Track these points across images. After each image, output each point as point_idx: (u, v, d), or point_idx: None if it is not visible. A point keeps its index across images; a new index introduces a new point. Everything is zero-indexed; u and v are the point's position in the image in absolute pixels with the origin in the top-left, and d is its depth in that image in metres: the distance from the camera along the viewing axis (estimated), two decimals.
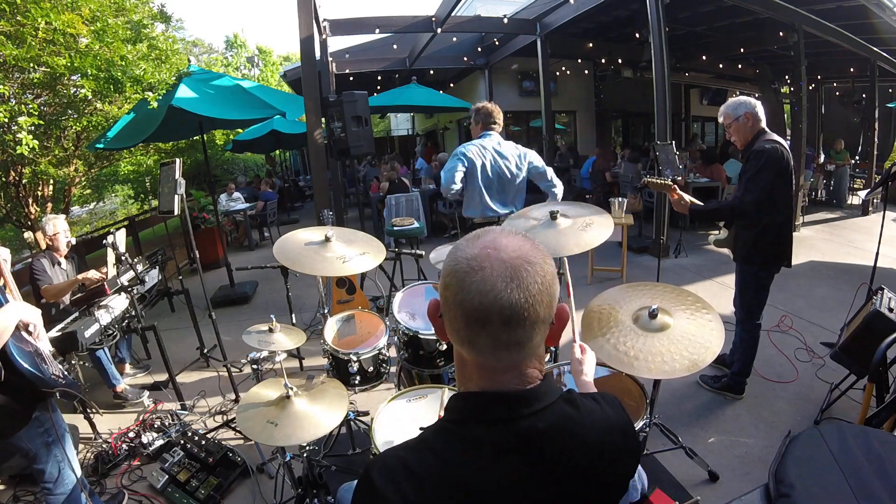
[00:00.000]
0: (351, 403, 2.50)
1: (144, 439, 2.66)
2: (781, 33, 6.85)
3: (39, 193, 6.85)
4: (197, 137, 5.90)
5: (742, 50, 8.62)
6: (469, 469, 0.65)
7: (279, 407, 1.69)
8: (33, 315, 1.69)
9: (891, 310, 2.35)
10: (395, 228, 4.30)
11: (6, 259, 1.92)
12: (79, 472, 1.90)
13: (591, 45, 8.91)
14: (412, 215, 6.65)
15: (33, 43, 3.86)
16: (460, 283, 0.65)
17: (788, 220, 2.61)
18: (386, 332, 2.28)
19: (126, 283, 2.95)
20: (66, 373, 1.79)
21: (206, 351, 3.66)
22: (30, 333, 1.68)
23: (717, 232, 2.82)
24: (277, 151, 14.89)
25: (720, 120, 2.68)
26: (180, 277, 4.55)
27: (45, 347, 1.75)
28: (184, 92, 4.48)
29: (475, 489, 0.64)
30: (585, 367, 1.26)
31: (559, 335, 0.73)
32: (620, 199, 4.80)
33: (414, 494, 0.64)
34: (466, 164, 2.94)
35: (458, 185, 2.94)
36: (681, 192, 2.56)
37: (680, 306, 1.69)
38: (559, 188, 3.06)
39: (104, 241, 2.99)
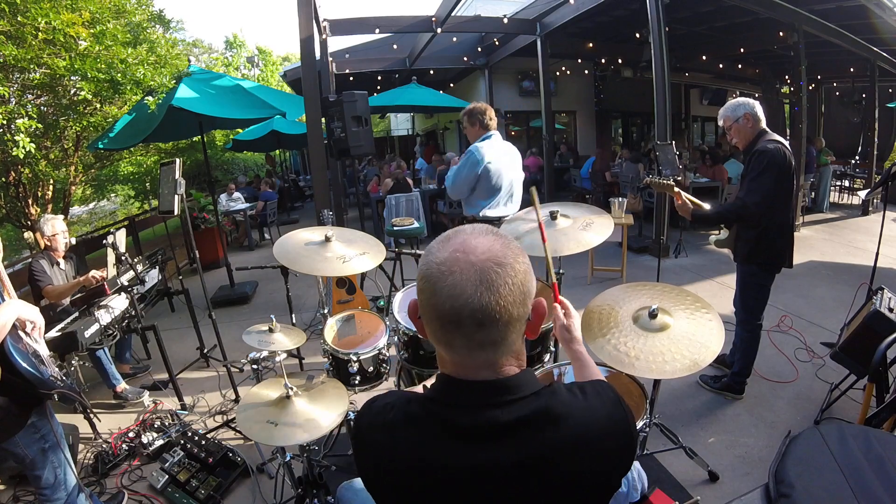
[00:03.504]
0: (351, 403, 2.50)
1: (144, 439, 2.65)
2: (781, 33, 6.85)
3: (39, 193, 6.85)
4: (197, 137, 5.91)
5: (742, 50, 8.62)
6: (440, 451, 0.68)
7: (279, 407, 1.69)
8: (32, 313, 1.67)
9: (891, 310, 2.35)
10: (395, 228, 4.30)
11: None
12: (75, 477, 1.88)
13: (591, 45, 8.92)
14: (412, 215, 6.66)
15: (33, 43, 3.86)
16: (432, 288, 0.66)
17: (789, 221, 2.61)
18: (386, 332, 2.28)
19: (126, 283, 2.95)
20: (63, 376, 1.77)
21: (206, 351, 3.66)
22: (27, 334, 1.67)
23: (717, 232, 2.82)
24: (277, 151, 14.90)
25: (720, 123, 2.67)
26: (180, 277, 4.54)
27: (44, 350, 1.74)
28: (184, 92, 4.48)
29: (443, 473, 0.68)
30: (575, 333, 1.11)
31: (538, 327, 0.74)
32: (620, 199, 4.80)
33: (387, 461, 0.71)
34: (482, 169, 2.84)
35: (468, 193, 2.92)
36: (685, 196, 2.56)
37: (680, 306, 1.69)
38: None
39: (104, 241, 2.99)
